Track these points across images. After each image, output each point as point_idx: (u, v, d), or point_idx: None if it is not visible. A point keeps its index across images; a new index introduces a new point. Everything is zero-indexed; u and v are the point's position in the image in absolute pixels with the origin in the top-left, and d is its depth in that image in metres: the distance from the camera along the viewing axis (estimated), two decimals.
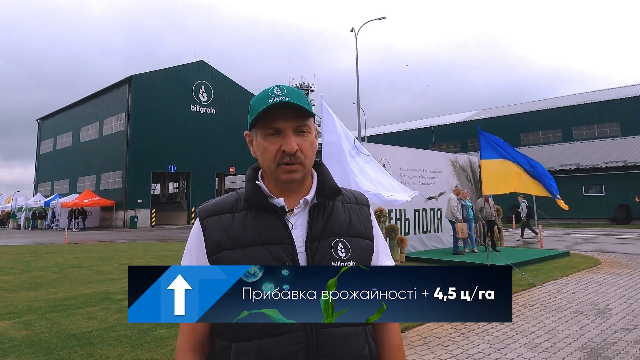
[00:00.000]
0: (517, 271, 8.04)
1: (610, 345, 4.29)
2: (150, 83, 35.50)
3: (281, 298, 0.86)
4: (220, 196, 1.18)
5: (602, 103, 35.80)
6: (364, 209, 1.21)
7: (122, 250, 14.73)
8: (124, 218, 33.51)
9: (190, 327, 1.09)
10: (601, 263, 9.63)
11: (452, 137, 43.17)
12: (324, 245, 1.08)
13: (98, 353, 4.05)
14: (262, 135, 1.10)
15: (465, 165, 13.53)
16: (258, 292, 0.87)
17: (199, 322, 1.07)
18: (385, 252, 1.24)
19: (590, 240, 15.67)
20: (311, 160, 1.13)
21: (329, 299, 0.87)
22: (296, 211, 1.11)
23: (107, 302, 6.21)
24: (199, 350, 1.09)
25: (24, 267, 10.39)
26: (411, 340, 4.50)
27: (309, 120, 1.11)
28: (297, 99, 1.07)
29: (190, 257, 1.11)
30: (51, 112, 48.34)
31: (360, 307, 0.87)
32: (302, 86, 79.41)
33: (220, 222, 1.10)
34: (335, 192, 1.16)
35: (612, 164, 25.53)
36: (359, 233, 1.14)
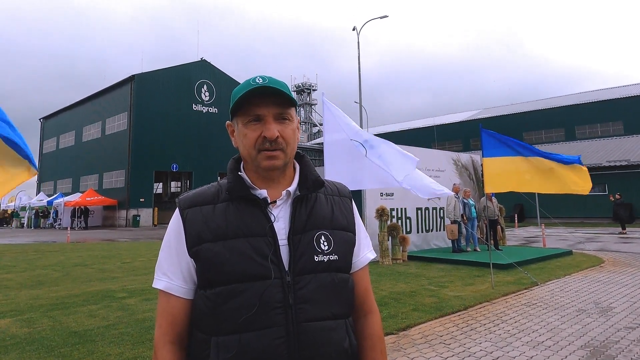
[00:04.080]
0: (520, 270, 8.01)
1: (613, 343, 4.27)
2: (152, 82, 35.53)
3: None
4: (200, 187, 1.16)
5: (605, 102, 35.62)
6: (346, 201, 1.20)
7: (124, 249, 14.77)
8: (126, 217, 33.57)
9: (169, 318, 1.07)
10: (604, 262, 9.59)
11: (455, 136, 43.03)
12: (306, 238, 1.06)
13: (99, 350, 4.06)
14: (242, 123, 1.08)
15: (467, 164, 13.50)
16: None
17: (178, 314, 1.06)
18: (367, 244, 1.23)
19: (593, 239, 15.61)
20: (292, 149, 1.11)
21: None
22: (279, 203, 1.09)
23: (108, 300, 6.22)
24: (177, 343, 1.07)
25: (27, 266, 10.42)
26: (413, 338, 4.49)
27: (290, 109, 1.10)
28: (278, 86, 1.06)
29: (169, 250, 1.09)
30: (54, 111, 48.48)
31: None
32: (304, 85, 79.37)
33: (201, 213, 1.07)
34: (318, 184, 1.15)
35: (615, 163, 25.43)
36: (341, 226, 1.13)
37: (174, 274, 1.07)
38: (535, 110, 39.23)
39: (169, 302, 1.07)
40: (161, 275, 1.09)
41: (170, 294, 1.07)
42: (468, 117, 44.36)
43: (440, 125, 44.29)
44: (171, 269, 1.08)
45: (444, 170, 12.44)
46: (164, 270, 1.09)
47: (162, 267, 1.09)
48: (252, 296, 0.99)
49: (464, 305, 5.75)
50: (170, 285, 1.07)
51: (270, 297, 0.99)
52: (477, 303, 5.92)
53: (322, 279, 1.05)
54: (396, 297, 6.23)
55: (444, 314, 5.39)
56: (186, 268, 1.06)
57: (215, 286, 1.01)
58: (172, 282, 1.07)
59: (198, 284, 1.06)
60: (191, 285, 1.07)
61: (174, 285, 1.07)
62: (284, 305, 1.00)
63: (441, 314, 5.36)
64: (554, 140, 37.31)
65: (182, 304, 1.07)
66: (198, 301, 1.04)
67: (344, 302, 1.09)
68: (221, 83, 39.29)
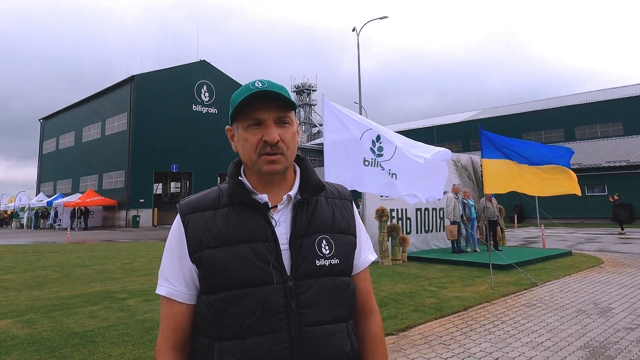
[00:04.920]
0: (520, 270, 8.02)
1: (612, 344, 4.28)
2: (152, 83, 35.53)
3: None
4: (201, 192, 1.16)
5: (605, 102, 35.65)
6: (347, 204, 1.20)
7: (124, 250, 14.77)
8: (126, 218, 33.57)
9: (172, 324, 1.07)
10: (604, 262, 9.60)
11: (455, 136, 43.04)
12: (308, 243, 1.07)
13: (100, 351, 4.06)
14: (243, 127, 1.09)
15: (467, 164, 13.52)
16: None
17: (180, 320, 1.07)
18: (368, 246, 1.23)
19: (593, 239, 15.62)
20: (293, 152, 1.11)
21: None
22: (280, 207, 1.09)
23: (109, 301, 6.23)
24: (180, 349, 1.08)
25: (27, 267, 10.42)
26: (413, 339, 4.50)
27: (290, 112, 1.10)
28: (278, 90, 1.06)
29: (172, 256, 1.09)
30: (53, 112, 48.46)
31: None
32: (304, 86, 79.37)
33: (202, 218, 1.07)
34: (319, 188, 1.15)
35: (614, 164, 25.44)
36: (342, 229, 1.14)
37: (176, 279, 1.08)
38: (534, 111, 39.26)
39: (171, 308, 1.08)
40: (163, 281, 1.09)
41: (173, 300, 1.08)
42: (468, 118, 44.39)
43: (440, 126, 44.27)
44: (173, 274, 1.08)
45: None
46: (166, 276, 1.09)
47: (165, 273, 1.10)
48: (254, 301, 0.99)
49: (464, 306, 5.76)
50: (172, 291, 1.08)
51: (273, 302, 1.00)
52: (477, 304, 5.93)
53: (323, 283, 1.05)
54: (396, 297, 6.24)
55: (444, 314, 5.40)
56: (188, 274, 1.07)
57: (218, 292, 1.01)
58: (174, 287, 1.08)
59: (200, 289, 1.06)
60: (193, 291, 1.08)
61: (176, 291, 1.07)
62: (287, 310, 1.00)
63: (441, 315, 5.37)
64: (553, 140, 37.31)
65: (184, 310, 1.08)
66: (201, 306, 1.05)
67: (346, 305, 1.09)
68: (221, 84, 39.32)
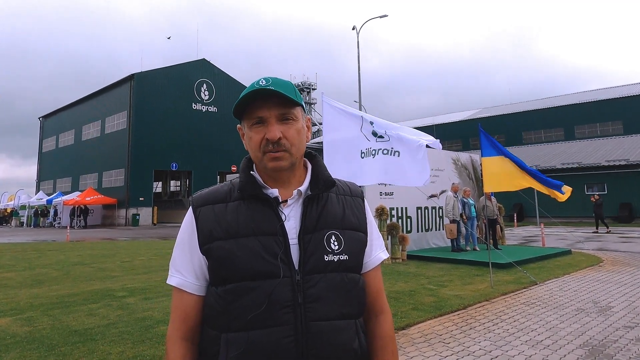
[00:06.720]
0: (519, 269, 8.03)
1: (611, 342, 4.28)
2: (151, 81, 35.51)
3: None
4: (214, 186, 1.18)
5: (604, 101, 35.67)
6: (358, 201, 1.20)
7: (124, 248, 14.77)
8: (125, 216, 33.57)
9: (182, 315, 1.09)
10: (603, 261, 9.61)
11: (454, 135, 43.07)
12: (316, 238, 1.07)
13: (100, 349, 4.06)
14: (248, 126, 1.10)
15: (466, 163, 13.52)
16: None
17: (190, 311, 1.08)
18: (379, 244, 1.23)
19: (592, 238, 15.63)
20: (298, 149, 1.11)
21: None
22: (290, 202, 1.10)
23: (108, 299, 6.23)
24: (189, 339, 1.09)
25: (27, 265, 10.42)
26: (412, 337, 4.50)
27: (294, 109, 1.10)
28: (280, 88, 1.06)
29: (183, 247, 1.11)
30: (53, 110, 48.43)
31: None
32: (304, 85, 79.30)
33: (213, 211, 1.09)
34: (330, 184, 1.15)
35: (614, 163, 25.44)
36: (352, 225, 1.14)
37: (187, 270, 1.10)
38: (534, 110, 39.27)
39: (181, 299, 1.10)
40: (175, 272, 1.11)
41: (183, 291, 1.09)
42: (467, 117, 44.39)
43: (440, 125, 44.29)
44: (184, 265, 1.10)
45: (443, 170, 12.46)
46: (177, 267, 1.11)
47: (176, 264, 1.12)
48: (261, 294, 1.00)
49: (463, 305, 5.77)
50: (183, 282, 1.09)
51: (279, 296, 1.00)
52: (476, 302, 5.93)
53: (331, 279, 1.05)
54: (395, 296, 6.24)
55: (443, 313, 5.40)
56: (198, 265, 1.08)
57: (226, 283, 1.03)
58: (185, 279, 1.09)
59: (210, 280, 1.08)
60: (203, 282, 1.09)
61: (186, 282, 1.09)
62: (293, 304, 1.01)
63: (440, 313, 5.37)
64: (553, 140, 37.35)
65: (194, 301, 1.09)
66: (209, 298, 1.06)
67: (354, 302, 1.09)
68: (221, 82, 39.30)
